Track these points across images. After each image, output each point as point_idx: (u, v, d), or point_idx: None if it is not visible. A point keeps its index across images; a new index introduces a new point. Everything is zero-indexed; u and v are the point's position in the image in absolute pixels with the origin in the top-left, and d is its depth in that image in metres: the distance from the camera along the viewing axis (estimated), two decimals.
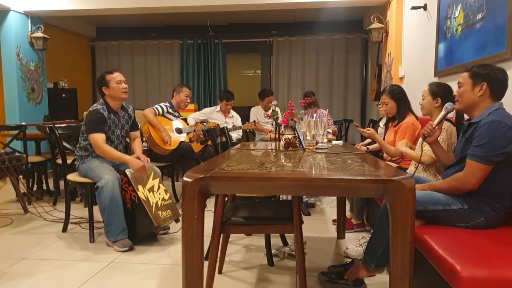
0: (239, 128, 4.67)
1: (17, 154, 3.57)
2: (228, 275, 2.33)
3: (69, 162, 3.30)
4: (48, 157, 4.15)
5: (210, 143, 3.40)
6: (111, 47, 7.14)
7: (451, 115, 2.29)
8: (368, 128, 3.08)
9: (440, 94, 2.36)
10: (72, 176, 2.97)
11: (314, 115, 4.17)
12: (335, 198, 3.42)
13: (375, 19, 4.68)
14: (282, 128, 2.73)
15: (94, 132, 2.81)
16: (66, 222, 3.13)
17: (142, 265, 2.47)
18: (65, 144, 3.30)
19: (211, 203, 3.08)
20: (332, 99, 6.72)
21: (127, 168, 2.83)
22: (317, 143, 2.44)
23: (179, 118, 4.20)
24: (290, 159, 1.92)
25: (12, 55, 5.07)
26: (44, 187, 4.41)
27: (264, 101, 5.12)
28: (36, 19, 5.38)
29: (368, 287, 2.10)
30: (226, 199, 2.34)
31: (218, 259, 2.16)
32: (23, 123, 4.15)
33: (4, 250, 2.73)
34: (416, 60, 3.93)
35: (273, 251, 2.56)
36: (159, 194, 2.87)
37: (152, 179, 2.89)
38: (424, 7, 3.66)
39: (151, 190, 2.83)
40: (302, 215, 3.15)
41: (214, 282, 2.03)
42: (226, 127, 3.08)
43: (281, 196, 3.01)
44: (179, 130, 4.02)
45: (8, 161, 3.40)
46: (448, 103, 2.03)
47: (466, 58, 2.74)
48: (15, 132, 3.83)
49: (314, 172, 1.59)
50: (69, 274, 2.34)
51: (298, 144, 2.44)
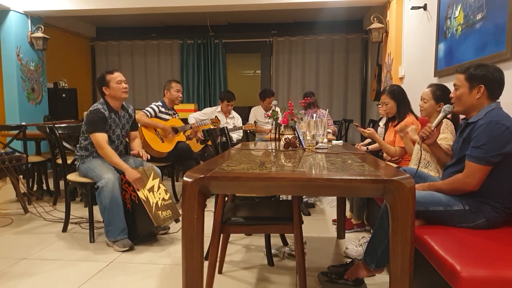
0: (239, 128, 4.67)
1: (17, 154, 3.57)
2: (228, 275, 2.33)
3: (69, 162, 3.30)
4: (48, 157, 4.15)
5: (210, 143, 3.39)
6: (111, 47, 7.14)
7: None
8: (368, 128, 3.08)
9: (443, 98, 2.36)
10: (72, 176, 2.97)
11: (314, 115, 4.17)
12: (335, 198, 3.42)
13: (375, 19, 4.68)
14: (282, 128, 2.72)
15: (96, 131, 2.81)
16: (66, 222, 3.13)
17: (142, 265, 2.47)
18: (65, 144, 3.30)
19: (211, 203, 3.08)
20: (332, 99, 6.72)
21: None
22: (317, 143, 2.44)
23: (174, 116, 4.11)
24: (290, 159, 1.92)
25: (12, 55, 5.07)
26: (44, 187, 4.41)
27: (265, 101, 5.12)
28: (36, 19, 5.38)
29: (368, 287, 2.10)
30: (226, 199, 2.34)
31: (218, 259, 2.16)
32: (23, 123, 4.15)
33: (4, 250, 2.73)
34: (416, 60, 3.93)
35: (273, 251, 2.56)
36: (159, 194, 2.87)
37: (152, 179, 2.89)
38: (424, 7, 3.66)
39: (151, 190, 2.83)
40: (302, 215, 3.15)
41: (214, 282, 2.03)
42: (227, 127, 3.08)
43: (281, 196, 3.01)
44: (175, 130, 3.99)
45: (8, 161, 3.40)
46: (446, 105, 2.03)
47: (466, 58, 2.74)
48: (15, 132, 3.83)
49: (314, 172, 1.59)
50: (69, 274, 2.34)
51: (298, 144, 2.44)
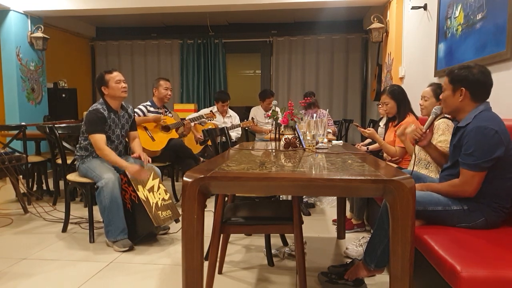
0: (237, 126, 4.66)
1: (17, 154, 3.57)
2: (228, 275, 2.33)
3: (69, 162, 3.30)
4: (48, 157, 4.15)
5: (210, 143, 3.39)
6: (111, 47, 7.14)
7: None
8: (368, 128, 3.08)
9: None
10: (72, 176, 2.97)
11: (314, 115, 4.17)
12: (335, 198, 3.42)
13: (375, 19, 4.68)
14: (282, 128, 2.72)
15: (94, 132, 2.81)
16: (66, 222, 3.13)
17: (142, 265, 2.47)
18: (65, 144, 3.30)
19: (211, 203, 3.08)
20: (332, 99, 6.71)
21: None
22: (317, 143, 2.44)
23: (166, 114, 4.05)
24: (290, 159, 1.92)
25: (12, 55, 5.07)
26: (44, 187, 4.41)
27: (265, 102, 5.12)
28: (36, 19, 5.37)
29: (368, 287, 2.10)
30: (226, 199, 2.34)
31: (218, 259, 2.15)
32: (23, 123, 4.15)
33: (4, 250, 2.73)
34: (416, 60, 3.93)
35: (273, 251, 2.56)
36: (159, 194, 2.87)
37: (152, 179, 2.89)
38: (424, 7, 3.66)
39: (151, 190, 2.83)
40: (302, 215, 3.14)
41: (214, 282, 2.03)
42: (226, 127, 3.08)
43: (281, 196, 3.01)
44: (166, 128, 3.96)
45: (8, 161, 3.40)
46: (436, 106, 2.04)
47: (466, 58, 2.74)
48: (15, 132, 3.83)
49: (314, 172, 1.59)
50: (69, 274, 2.34)
51: (298, 144, 2.44)
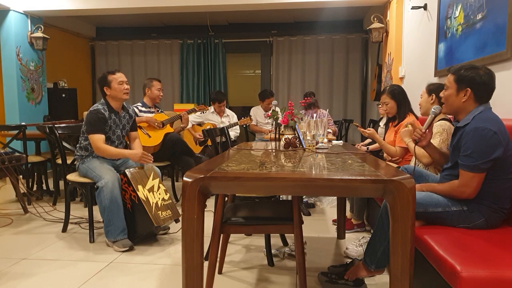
0: (235, 124, 4.65)
1: (17, 154, 3.56)
2: (228, 275, 2.33)
3: (69, 162, 3.30)
4: (48, 157, 4.15)
5: (210, 143, 3.39)
6: (111, 47, 7.14)
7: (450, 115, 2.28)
8: (368, 128, 3.08)
9: (434, 90, 2.37)
10: (72, 176, 2.97)
11: (314, 115, 4.17)
12: (335, 198, 3.42)
13: (375, 19, 4.68)
14: (282, 128, 2.72)
15: (94, 133, 2.81)
16: (66, 222, 3.13)
17: (142, 265, 2.47)
18: (65, 144, 3.30)
19: (211, 203, 3.08)
20: (332, 99, 6.71)
21: (127, 168, 2.83)
22: (317, 143, 2.44)
23: (158, 112, 4.02)
24: (290, 159, 1.92)
25: (12, 55, 5.07)
26: (44, 187, 4.41)
27: (265, 102, 5.12)
28: (36, 19, 5.37)
29: (368, 287, 2.10)
30: (226, 199, 2.34)
31: (218, 259, 2.16)
32: (23, 123, 4.15)
33: (4, 250, 2.73)
34: (416, 60, 3.93)
35: (273, 251, 2.55)
36: (159, 194, 2.87)
37: (152, 179, 2.89)
38: (424, 7, 3.66)
39: (151, 190, 2.83)
40: (302, 215, 3.14)
41: (214, 282, 2.03)
42: (226, 127, 3.08)
43: (281, 196, 3.01)
44: (161, 123, 3.93)
45: (8, 161, 3.40)
46: (435, 106, 2.03)
47: (466, 58, 2.74)
48: (15, 132, 3.83)
49: (314, 172, 1.59)
50: (69, 274, 2.34)
51: (298, 144, 2.44)
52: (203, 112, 4.55)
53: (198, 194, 1.43)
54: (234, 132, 4.85)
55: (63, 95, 6.07)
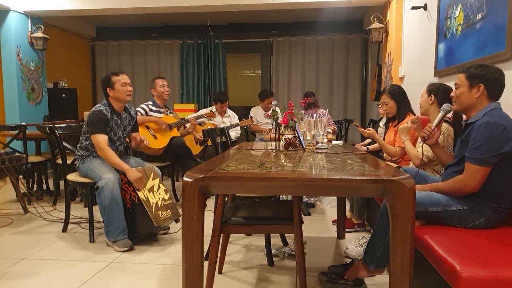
0: (236, 125, 4.65)
1: (17, 154, 3.57)
2: (228, 275, 2.33)
3: (69, 162, 3.30)
4: (48, 157, 4.15)
5: (210, 143, 3.39)
6: (111, 47, 7.14)
7: (449, 115, 2.29)
8: (368, 128, 3.08)
9: (434, 90, 2.37)
10: (72, 176, 2.97)
11: (314, 115, 4.17)
12: (335, 198, 3.42)
13: (375, 19, 4.68)
14: (282, 128, 2.72)
15: (97, 133, 2.81)
16: (66, 222, 3.13)
17: (142, 265, 2.47)
18: (65, 144, 3.30)
19: (211, 203, 3.08)
20: (332, 99, 6.71)
21: None
22: (317, 143, 2.44)
23: (168, 113, 4.04)
24: (290, 159, 1.92)
25: (12, 55, 5.07)
26: (44, 187, 4.41)
27: (264, 102, 5.12)
28: (36, 19, 5.37)
29: (368, 287, 2.10)
30: (226, 199, 2.34)
31: (218, 259, 2.16)
32: (23, 123, 4.15)
33: (4, 250, 2.73)
34: (416, 60, 3.93)
35: (273, 251, 2.56)
36: (159, 194, 2.88)
37: (152, 179, 2.89)
38: (424, 7, 3.66)
39: (151, 190, 2.83)
40: (302, 215, 3.15)
41: (214, 282, 2.03)
42: (226, 128, 3.08)
43: (281, 196, 3.01)
44: (168, 126, 3.96)
45: (8, 161, 3.40)
46: (446, 104, 2.03)
47: (466, 58, 2.74)
48: (15, 132, 3.83)
49: (314, 172, 1.59)
50: (69, 274, 2.34)
51: (298, 144, 2.44)
52: (211, 119, 4.58)
53: (198, 194, 1.43)
54: (234, 133, 4.85)
55: (63, 95, 6.08)
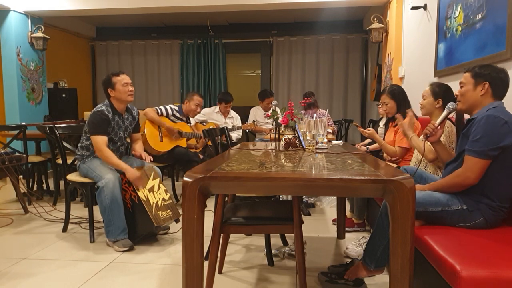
0: (238, 128, 4.67)
1: (17, 154, 3.57)
2: (228, 275, 2.33)
3: (69, 162, 3.30)
4: (48, 157, 4.16)
5: (210, 143, 3.39)
6: (111, 47, 7.14)
7: (451, 114, 2.28)
8: (368, 128, 3.08)
9: (441, 94, 2.37)
10: (72, 176, 2.97)
11: (314, 115, 4.17)
12: (335, 198, 3.42)
13: (375, 19, 4.68)
14: (282, 128, 2.73)
15: (96, 134, 2.80)
16: (66, 222, 3.13)
17: (142, 265, 2.47)
18: (65, 144, 3.30)
19: (211, 203, 3.08)
20: (332, 99, 6.72)
21: None
22: (317, 143, 2.44)
23: (186, 122, 4.11)
24: (290, 159, 1.93)
25: (12, 55, 5.07)
26: (44, 187, 4.41)
27: (264, 102, 5.12)
28: (36, 19, 5.38)
29: (368, 287, 2.10)
30: (226, 199, 2.34)
31: (218, 259, 2.16)
32: (23, 123, 4.15)
33: (4, 250, 2.73)
34: (416, 60, 3.93)
35: (273, 251, 2.56)
36: (159, 194, 2.88)
37: (152, 179, 2.89)
38: (424, 7, 3.66)
39: (151, 190, 2.83)
40: (302, 215, 3.15)
41: (214, 282, 2.03)
42: (226, 127, 3.08)
43: (281, 196, 3.01)
44: (179, 133, 4.00)
45: (8, 161, 3.40)
46: (450, 103, 2.04)
47: (466, 58, 2.75)
48: (15, 132, 3.83)
49: (314, 172, 1.59)
50: (69, 274, 2.34)
51: (298, 144, 2.44)
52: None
53: (198, 194, 1.43)
54: (236, 134, 4.85)
55: (63, 95, 6.08)
